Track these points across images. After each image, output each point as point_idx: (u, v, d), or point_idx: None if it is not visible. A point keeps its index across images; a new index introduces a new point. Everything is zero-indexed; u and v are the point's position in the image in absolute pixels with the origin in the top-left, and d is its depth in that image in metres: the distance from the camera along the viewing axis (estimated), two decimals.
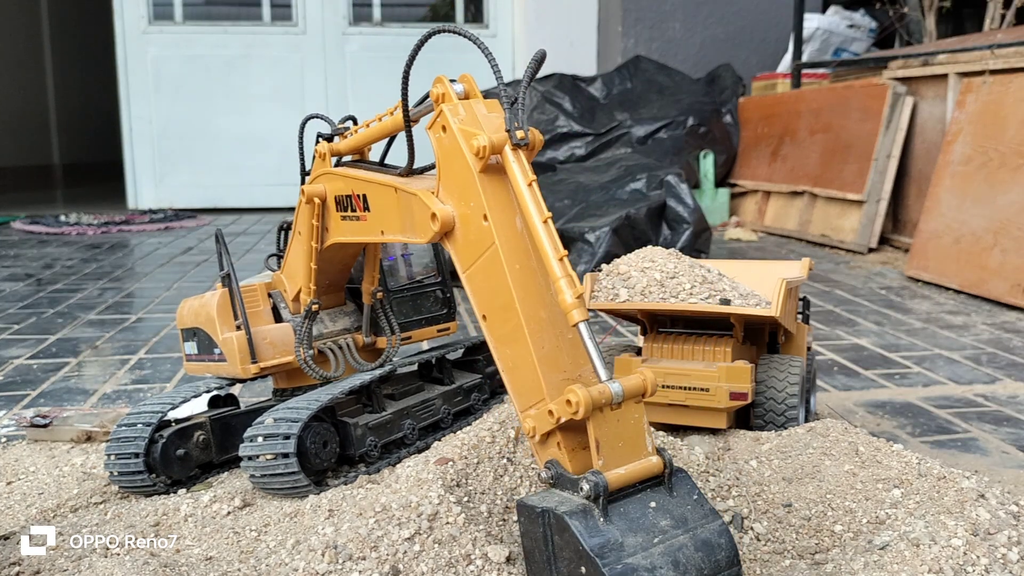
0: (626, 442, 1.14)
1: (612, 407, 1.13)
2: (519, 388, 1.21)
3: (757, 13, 7.04)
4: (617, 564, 1.06)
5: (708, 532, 1.14)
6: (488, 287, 1.24)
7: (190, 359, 1.89)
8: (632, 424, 1.15)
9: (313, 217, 1.68)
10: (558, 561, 1.11)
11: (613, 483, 1.10)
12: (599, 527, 1.08)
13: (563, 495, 1.13)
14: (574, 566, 1.08)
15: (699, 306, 1.84)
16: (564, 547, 1.09)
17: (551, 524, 1.10)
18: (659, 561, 1.09)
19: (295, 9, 7.52)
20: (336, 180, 1.62)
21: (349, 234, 1.62)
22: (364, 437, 1.76)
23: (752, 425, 1.92)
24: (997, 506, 1.34)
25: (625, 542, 1.09)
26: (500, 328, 1.23)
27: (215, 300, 1.78)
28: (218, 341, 1.77)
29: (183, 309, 1.90)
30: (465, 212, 1.26)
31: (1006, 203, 3.75)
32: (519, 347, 1.20)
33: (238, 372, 1.76)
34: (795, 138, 5.65)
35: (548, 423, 1.15)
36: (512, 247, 1.22)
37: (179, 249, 5.35)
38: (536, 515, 1.12)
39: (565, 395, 1.10)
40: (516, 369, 1.22)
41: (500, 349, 1.24)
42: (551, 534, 1.11)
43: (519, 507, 1.15)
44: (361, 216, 1.56)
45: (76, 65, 10.79)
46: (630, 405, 1.15)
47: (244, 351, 1.74)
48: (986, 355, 2.90)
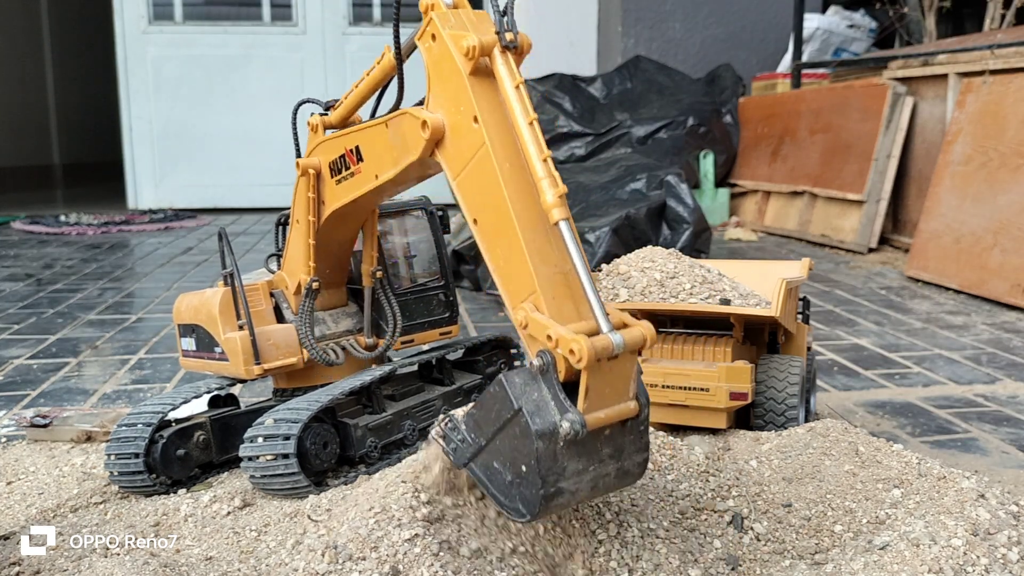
0: (612, 389, 1.16)
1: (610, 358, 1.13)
2: (510, 283, 1.22)
3: (757, 13, 7.04)
4: (552, 487, 1.13)
5: (632, 464, 1.21)
6: (479, 189, 1.25)
7: (187, 355, 1.89)
8: (623, 373, 1.16)
9: (309, 190, 1.69)
10: (505, 437, 1.16)
11: (592, 426, 1.13)
12: (556, 453, 1.13)
13: (543, 397, 1.14)
14: (517, 456, 1.15)
15: (699, 306, 1.84)
16: (517, 441, 1.14)
17: (520, 422, 1.13)
18: (584, 486, 1.16)
19: (295, 9, 7.52)
20: (329, 147, 1.65)
21: (345, 195, 1.63)
22: (364, 438, 1.76)
23: (752, 425, 1.92)
24: (997, 506, 1.34)
25: (568, 467, 1.14)
26: (491, 227, 1.24)
27: (217, 298, 1.78)
28: (220, 340, 1.77)
29: (181, 304, 1.89)
30: (455, 119, 1.27)
31: (1006, 203, 3.75)
32: (509, 242, 1.21)
33: (241, 373, 1.76)
34: (795, 138, 5.65)
35: (543, 339, 1.14)
36: (502, 146, 1.23)
37: (179, 249, 5.35)
38: (510, 406, 1.14)
39: (570, 342, 1.10)
40: (507, 264, 1.22)
41: (491, 248, 1.25)
42: (513, 425, 1.14)
43: (499, 382, 1.16)
44: (355, 170, 1.59)
45: (76, 65, 10.79)
46: (625, 355, 1.15)
47: (247, 352, 1.74)
48: (986, 355, 2.90)
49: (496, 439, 1.18)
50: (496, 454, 1.18)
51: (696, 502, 1.53)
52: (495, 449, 1.18)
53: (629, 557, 1.33)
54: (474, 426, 1.21)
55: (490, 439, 1.18)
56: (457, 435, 1.24)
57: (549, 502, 1.14)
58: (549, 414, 1.13)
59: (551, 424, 1.12)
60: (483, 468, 1.21)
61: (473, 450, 1.21)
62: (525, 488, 1.14)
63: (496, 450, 1.18)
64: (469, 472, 1.23)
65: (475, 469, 1.22)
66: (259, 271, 1.95)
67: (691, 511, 1.51)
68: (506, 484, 1.17)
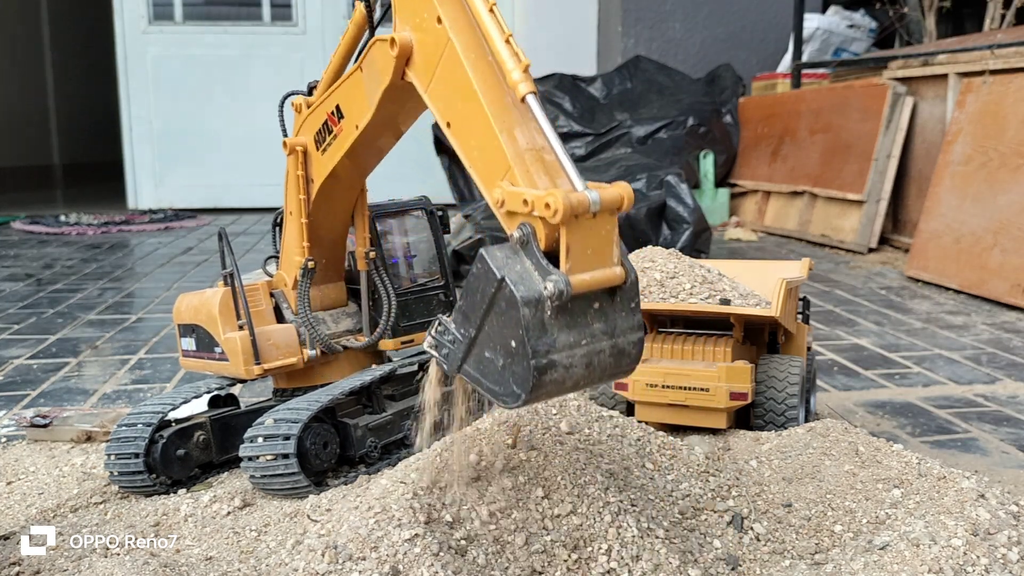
0: (594, 250, 1.15)
1: (587, 216, 1.13)
2: (485, 166, 1.21)
3: (757, 13, 7.04)
4: (543, 359, 1.10)
5: (627, 343, 1.19)
6: (449, 88, 1.26)
7: (187, 355, 1.89)
8: (603, 234, 1.16)
9: (297, 168, 1.73)
10: (492, 317, 1.14)
11: (576, 288, 1.11)
12: (543, 321, 1.11)
13: (526, 267, 1.13)
14: (506, 333, 1.12)
15: (699, 306, 1.84)
16: (504, 316, 1.12)
17: (504, 293, 1.11)
18: (577, 362, 1.14)
19: (295, 9, 7.52)
20: (311, 120, 1.69)
21: (330, 159, 1.66)
22: (364, 438, 1.76)
23: (752, 425, 1.92)
24: (997, 506, 1.34)
25: (558, 339, 1.12)
26: (464, 121, 1.24)
27: (217, 298, 1.78)
28: (220, 340, 1.77)
29: (181, 304, 1.89)
30: (420, 28, 1.30)
31: (1006, 203, 3.75)
32: (481, 128, 1.21)
33: (240, 373, 1.76)
34: (795, 138, 5.65)
35: (519, 208, 1.14)
36: (467, 41, 1.24)
37: (179, 249, 5.35)
38: (494, 277, 1.12)
39: (544, 197, 1.10)
40: (481, 151, 1.22)
41: (465, 143, 1.25)
42: (499, 299, 1.12)
43: (481, 256, 1.14)
44: (337, 130, 1.61)
45: (76, 65, 10.78)
46: (604, 216, 1.15)
47: (247, 352, 1.74)
48: (986, 355, 2.90)
49: (485, 324, 1.15)
50: (487, 341, 1.16)
51: (696, 502, 1.53)
52: (485, 336, 1.16)
53: (629, 557, 1.33)
54: (462, 319, 1.19)
55: (479, 327, 1.16)
56: (447, 336, 1.21)
57: (542, 375, 1.11)
58: (533, 281, 1.11)
59: (535, 290, 1.10)
60: (476, 364, 1.18)
61: (464, 347, 1.19)
62: (516, 365, 1.12)
63: (486, 337, 1.16)
64: (463, 376, 1.21)
65: (468, 370, 1.19)
66: (256, 272, 1.95)
67: (691, 511, 1.51)
68: (499, 371, 1.15)
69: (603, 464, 1.50)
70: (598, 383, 1.21)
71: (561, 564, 1.33)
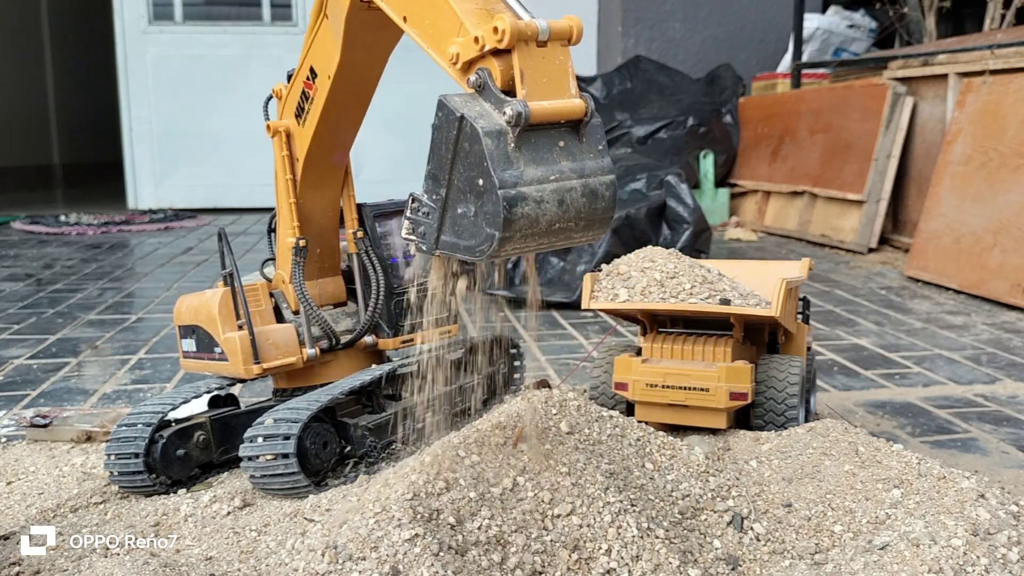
0: (550, 79, 1.16)
1: (537, 43, 1.14)
2: (437, 34, 1.21)
3: (757, 13, 7.04)
4: (511, 190, 1.10)
5: (598, 183, 1.19)
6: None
7: (188, 356, 1.89)
8: (557, 65, 1.16)
9: (282, 149, 1.79)
10: (458, 163, 1.14)
11: (535, 113, 1.11)
12: (508, 152, 1.11)
13: (485, 107, 1.14)
14: (473, 175, 1.12)
15: (699, 306, 1.84)
16: (470, 156, 1.12)
17: (465, 131, 1.11)
18: (548, 197, 1.14)
19: (295, 9, 7.52)
20: (290, 98, 1.76)
21: (310, 123, 1.71)
22: (364, 438, 1.76)
23: (752, 425, 1.92)
24: (997, 506, 1.34)
25: (525, 172, 1.12)
26: (415, 5, 1.25)
27: (216, 299, 1.78)
28: (219, 340, 1.77)
29: (181, 306, 1.89)
30: None
31: (1006, 203, 3.75)
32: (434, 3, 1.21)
33: (240, 372, 1.76)
34: (795, 138, 5.65)
35: (472, 50, 1.15)
36: None
37: (179, 249, 5.35)
38: (454, 118, 1.12)
39: (492, 22, 1.11)
40: (433, 25, 1.22)
41: (420, 25, 1.24)
42: (462, 140, 1.12)
43: (440, 102, 1.14)
44: (313, 92, 1.68)
45: (76, 65, 10.78)
46: (556, 47, 1.15)
47: (247, 351, 1.74)
48: (986, 355, 2.90)
49: (453, 175, 1.14)
50: (458, 195, 1.14)
51: (696, 502, 1.53)
52: (456, 191, 1.14)
53: (629, 557, 1.33)
54: (432, 183, 1.17)
55: (448, 182, 1.14)
56: (422, 209, 1.19)
57: (512, 207, 1.09)
58: (493, 116, 1.12)
59: (496, 122, 1.11)
60: (451, 228, 1.16)
61: (438, 215, 1.16)
62: (487, 204, 1.10)
63: (456, 191, 1.14)
64: (441, 251, 1.19)
65: (445, 240, 1.17)
66: (254, 274, 1.95)
67: (691, 511, 1.51)
68: (472, 222, 1.13)
69: (603, 464, 1.50)
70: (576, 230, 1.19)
71: (561, 564, 1.33)
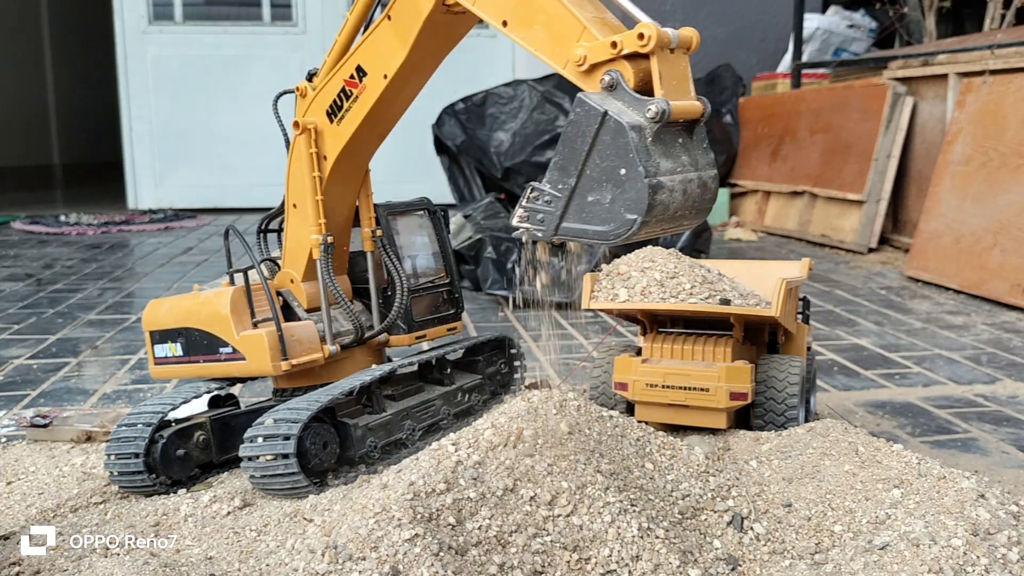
0: (678, 82, 1.29)
1: (670, 50, 1.27)
2: (555, 37, 1.34)
3: (757, 13, 7.04)
4: (654, 179, 1.21)
5: (708, 177, 1.32)
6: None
7: (164, 362, 1.87)
8: (682, 69, 1.30)
9: (310, 146, 1.77)
10: (595, 155, 1.24)
11: (674, 112, 1.22)
12: (647, 145, 1.22)
13: (619, 104, 1.24)
14: (613, 165, 1.22)
15: (699, 306, 1.84)
16: (610, 148, 1.22)
17: (608, 125, 1.22)
18: (677, 187, 1.25)
19: (295, 9, 7.52)
20: (322, 96, 1.76)
21: (351, 124, 1.73)
22: (364, 438, 1.76)
23: (752, 425, 1.92)
24: (997, 506, 1.34)
25: (661, 164, 1.23)
26: (523, 13, 1.38)
27: (227, 298, 1.77)
28: (232, 340, 1.76)
29: (158, 311, 1.87)
30: None
31: (1006, 203, 3.75)
32: (548, 7, 1.34)
33: (266, 370, 1.74)
34: (795, 138, 5.65)
35: (606, 54, 1.27)
36: None
37: (179, 249, 5.35)
38: (596, 113, 1.22)
39: (637, 29, 1.24)
40: (549, 28, 1.35)
41: (527, 28, 1.38)
42: (603, 133, 1.22)
43: (579, 99, 1.24)
44: (358, 92, 1.70)
45: (76, 65, 10.79)
46: (679, 53, 1.29)
47: (275, 348, 1.73)
48: (986, 355, 2.90)
49: (587, 166, 1.24)
50: (590, 184, 1.24)
51: (696, 502, 1.53)
52: (587, 180, 1.24)
53: (629, 557, 1.33)
54: (559, 174, 1.26)
55: (580, 172, 1.25)
56: (542, 198, 1.28)
57: (655, 194, 1.21)
58: (632, 112, 1.23)
59: (637, 118, 1.22)
60: (577, 214, 1.26)
61: (563, 203, 1.26)
62: (628, 191, 1.21)
63: (589, 180, 1.24)
64: (561, 236, 1.28)
65: (568, 226, 1.27)
66: (216, 281, 1.93)
67: (691, 511, 1.51)
68: (606, 208, 1.24)
69: (603, 464, 1.50)
70: (689, 217, 1.30)
71: (561, 564, 1.33)
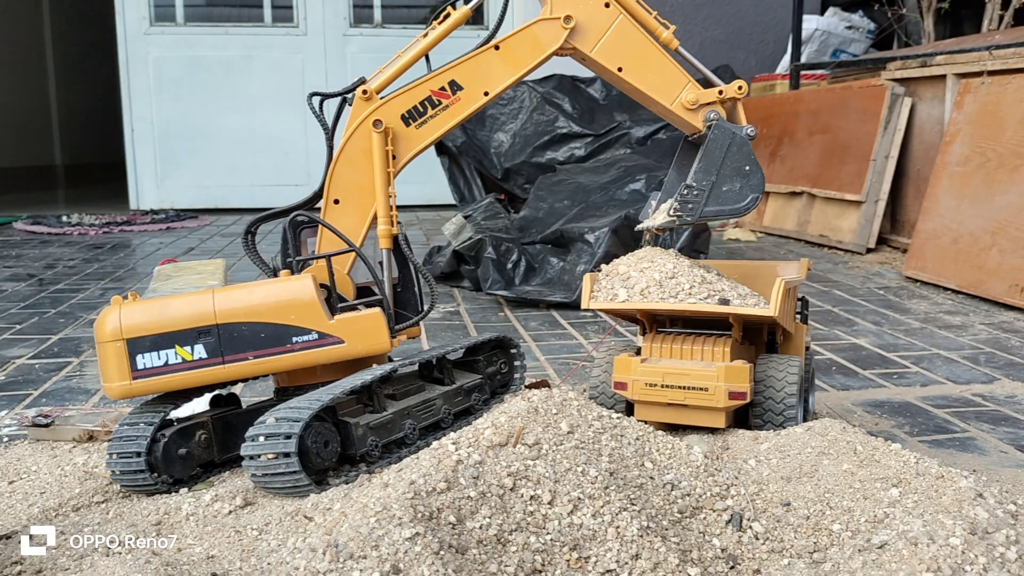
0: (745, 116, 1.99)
1: None
2: (667, 86, 1.97)
3: (756, 14, 7.05)
4: (763, 171, 1.91)
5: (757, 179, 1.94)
6: (619, 46, 1.93)
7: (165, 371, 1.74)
8: (742, 107, 2.00)
9: (386, 144, 1.89)
10: (728, 159, 1.91)
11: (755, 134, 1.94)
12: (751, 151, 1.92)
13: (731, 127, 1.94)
14: (740, 164, 1.91)
15: (698, 306, 1.84)
16: (738, 154, 1.91)
17: (737, 140, 1.91)
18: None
19: (296, 10, 7.53)
20: (399, 101, 1.92)
21: (433, 129, 1.93)
22: (365, 437, 1.76)
23: (751, 424, 1.92)
24: (995, 505, 1.35)
25: None
26: (638, 62, 1.94)
27: (311, 286, 1.78)
28: (321, 326, 1.77)
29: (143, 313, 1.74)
30: (586, 14, 1.91)
31: (1004, 203, 3.76)
32: (656, 63, 1.95)
33: (382, 347, 1.83)
34: (794, 139, 5.66)
35: (713, 97, 1.95)
36: (630, 7, 1.94)
37: (181, 249, 5.36)
38: (729, 132, 1.92)
39: (735, 84, 1.94)
40: (660, 77, 1.96)
41: (643, 77, 1.95)
42: (733, 146, 1.91)
43: (717, 126, 1.92)
44: (450, 103, 1.93)
45: (78, 66, 10.80)
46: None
47: (384, 326, 1.83)
48: (984, 355, 2.91)
49: (722, 167, 1.90)
50: (725, 179, 1.90)
51: (695, 501, 1.54)
52: (724, 176, 1.90)
53: (628, 556, 1.34)
54: (703, 174, 1.90)
55: (719, 170, 1.90)
56: (692, 192, 1.90)
57: (764, 180, 1.91)
58: (742, 132, 1.93)
59: (746, 136, 1.92)
60: (715, 201, 1.90)
61: (706, 194, 1.90)
62: (752, 178, 1.91)
63: (724, 176, 1.90)
64: (704, 216, 1.90)
65: (708, 210, 1.90)
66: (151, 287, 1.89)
67: (690, 510, 1.52)
68: (736, 193, 1.90)
69: (603, 463, 1.51)
70: None
71: (561, 564, 1.33)
